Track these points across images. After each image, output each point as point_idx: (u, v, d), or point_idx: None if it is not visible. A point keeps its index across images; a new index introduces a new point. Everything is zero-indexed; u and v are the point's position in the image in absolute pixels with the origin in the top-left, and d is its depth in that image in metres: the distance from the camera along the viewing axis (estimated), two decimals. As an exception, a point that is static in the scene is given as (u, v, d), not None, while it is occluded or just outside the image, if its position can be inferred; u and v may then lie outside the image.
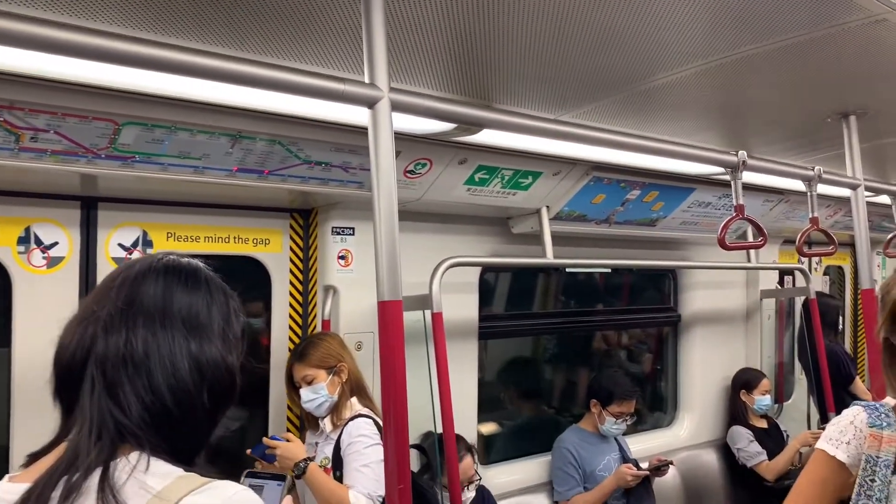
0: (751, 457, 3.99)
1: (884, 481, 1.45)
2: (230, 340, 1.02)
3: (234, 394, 1.01)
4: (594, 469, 3.37)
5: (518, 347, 4.32)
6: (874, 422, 1.49)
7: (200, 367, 0.96)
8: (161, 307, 0.97)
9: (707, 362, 4.30)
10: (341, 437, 2.35)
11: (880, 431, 1.48)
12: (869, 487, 1.46)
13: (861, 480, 1.47)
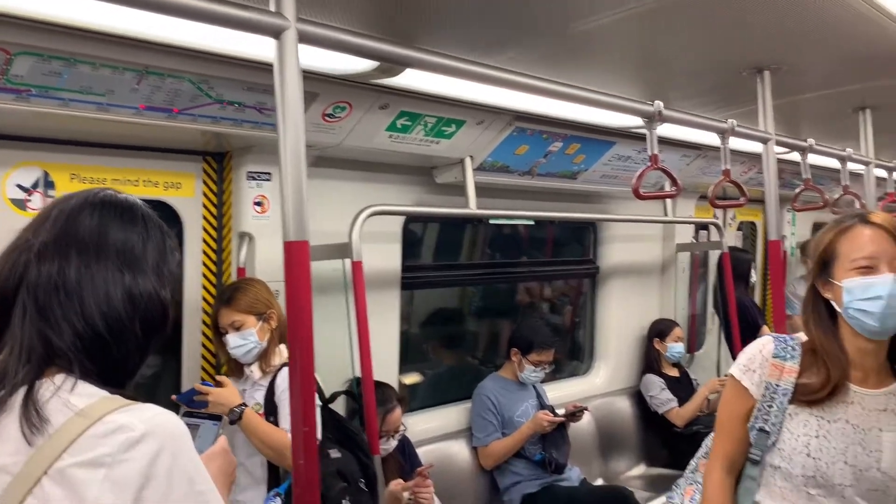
0: (662, 404, 4.15)
1: (780, 408, 1.54)
2: (164, 276, 1.03)
3: (166, 325, 1.03)
4: (512, 415, 3.45)
5: (444, 299, 4.34)
6: (778, 353, 1.58)
7: (133, 299, 0.98)
8: (96, 240, 0.98)
9: (623, 313, 4.42)
10: (274, 382, 2.32)
11: (783, 362, 1.56)
12: (766, 412, 1.55)
13: (760, 405, 1.57)
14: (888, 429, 1.51)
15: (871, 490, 1.50)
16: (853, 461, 1.49)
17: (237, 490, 2.33)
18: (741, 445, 1.60)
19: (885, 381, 1.55)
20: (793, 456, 1.52)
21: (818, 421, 1.51)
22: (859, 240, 1.51)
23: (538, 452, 3.39)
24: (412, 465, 2.87)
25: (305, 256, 1.24)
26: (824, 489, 1.50)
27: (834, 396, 1.51)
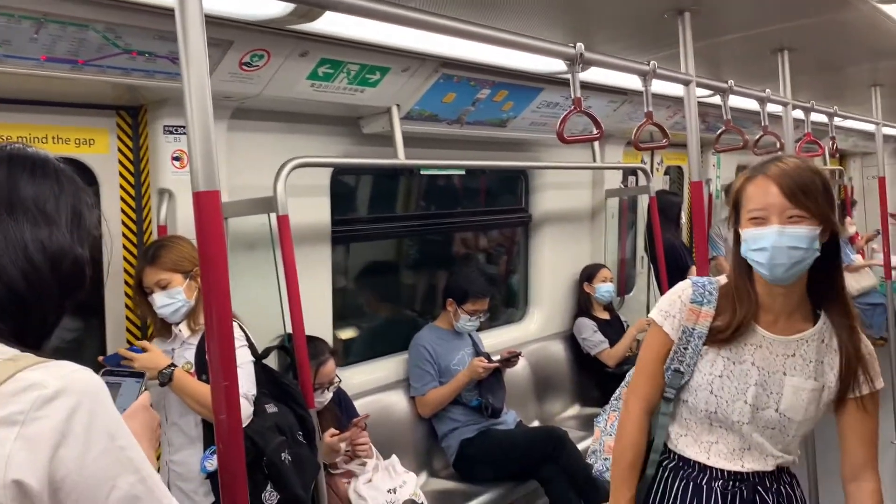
0: (594, 345, 4.26)
1: (695, 350, 1.59)
2: (81, 232, 0.99)
3: (83, 283, 0.99)
4: (449, 364, 3.48)
5: (378, 252, 4.32)
6: (696, 298, 1.62)
7: (50, 255, 0.94)
8: (6, 195, 0.93)
9: (556, 260, 4.49)
10: (204, 340, 2.27)
11: (699, 307, 1.61)
12: (682, 354, 1.61)
13: (676, 348, 1.62)
14: (791, 373, 1.56)
15: (768, 428, 1.56)
16: (752, 401, 1.55)
17: (172, 450, 2.30)
18: (658, 385, 1.65)
19: (799, 327, 1.58)
20: (698, 392, 1.58)
21: (724, 361, 1.57)
22: (756, 191, 1.54)
23: (475, 398, 3.44)
24: (349, 417, 2.88)
25: (216, 207, 1.19)
26: (723, 423, 1.58)
27: (741, 338, 1.56)
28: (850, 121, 5.11)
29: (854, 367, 1.56)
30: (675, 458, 1.65)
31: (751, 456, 1.59)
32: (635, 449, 1.66)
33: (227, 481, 1.28)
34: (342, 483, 2.67)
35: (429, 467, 3.51)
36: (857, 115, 4.85)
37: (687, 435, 1.63)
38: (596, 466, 1.89)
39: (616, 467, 1.69)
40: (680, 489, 1.62)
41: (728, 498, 1.58)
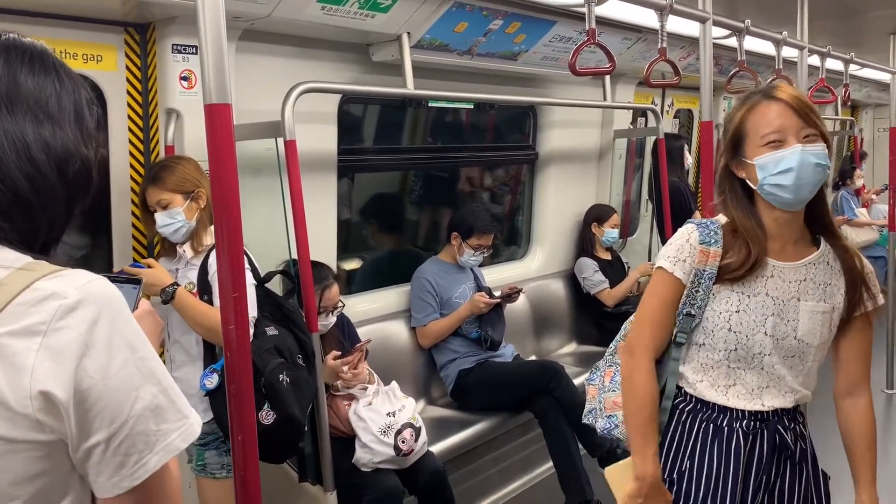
0: (595, 285, 4.30)
1: (706, 290, 1.58)
2: (84, 131, 0.92)
3: (90, 185, 0.94)
4: (450, 297, 3.53)
5: (384, 184, 4.33)
6: (704, 239, 1.60)
7: (55, 154, 0.88)
8: (5, 90, 0.86)
9: (560, 199, 4.49)
10: (207, 262, 2.30)
11: (708, 248, 1.59)
12: (693, 297, 1.60)
13: (688, 291, 1.60)
14: (805, 298, 1.57)
15: (788, 357, 1.57)
16: (772, 331, 1.55)
17: (173, 367, 2.35)
18: (668, 332, 1.63)
19: (804, 252, 1.60)
20: (715, 332, 1.57)
21: (739, 297, 1.57)
22: (766, 115, 1.53)
23: (475, 331, 3.50)
24: (351, 343, 2.94)
25: (228, 121, 1.19)
26: (744, 361, 1.57)
27: (754, 271, 1.56)
28: (865, 70, 5.03)
29: (859, 285, 1.60)
30: (693, 401, 1.63)
31: (770, 394, 1.59)
32: (652, 400, 1.63)
33: (234, 391, 1.31)
34: (343, 405, 2.74)
35: (427, 395, 3.59)
36: (873, 63, 4.78)
37: (703, 380, 1.62)
38: (600, 425, 1.80)
39: (634, 422, 1.64)
40: (700, 432, 1.61)
41: (750, 438, 1.58)
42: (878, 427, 4.61)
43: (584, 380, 1.99)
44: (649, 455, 1.61)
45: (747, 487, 1.59)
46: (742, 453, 1.58)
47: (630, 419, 1.66)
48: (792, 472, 1.62)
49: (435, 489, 2.76)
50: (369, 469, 2.64)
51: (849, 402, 1.67)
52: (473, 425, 3.31)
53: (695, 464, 1.60)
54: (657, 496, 1.59)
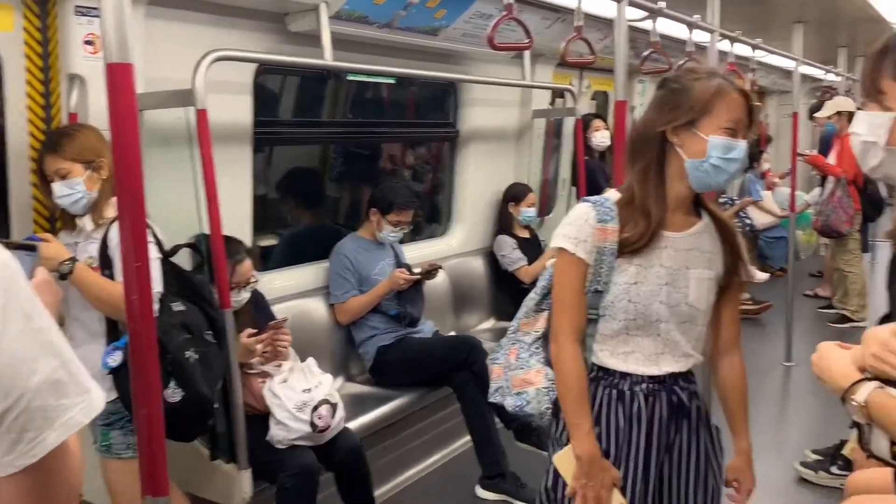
0: (512, 262, 4.36)
1: (609, 266, 1.63)
2: None
3: None
4: (370, 273, 3.50)
5: (303, 160, 4.26)
6: (601, 217, 1.64)
7: None
8: None
9: (480, 177, 4.52)
10: (108, 235, 2.20)
11: (605, 225, 1.63)
12: (599, 274, 1.64)
13: (594, 269, 1.64)
14: (693, 266, 1.66)
15: (682, 322, 1.66)
16: (666, 299, 1.63)
17: (73, 345, 2.23)
18: (585, 312, 1.67)
19: (691, 223, 1.69)
20: (615, 303, 1.63)
21: (637, 269, 1.63)
22: (733, 104, 1.59)
23: (394, 308, 3.49)
24: (266, 320, 2.88)
25: (130, 82, 1.14)
26: (642, 329, 1.64)
27: (650, 244, 1.63)
28: (771, 56, 5.24)
29: (737, 253, 1.72)
30: (596, 370, 1.69)
31: (665, 359, 1.67)
32: (578, 381, 1.66)
33: (138, 363, 1.27)
34: (257, 382, 2.69)
35: (345, 372, 3.58)
36: (778, 51, 4.98)
37: (604, 349, 1.68)
38: (509, 402, 1.82)
39: (566, 404, 1.67)
40: (605, 397, 1.67)
41: (650, 401, 1.66)
42: (777, 396, 4.86)
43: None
44: (583, 434, 1.64)
45: (650, 447, 1.66)
46: (643, 415, 1.66)
47: (562, 402, 1.69)
48: (689, 430, 1.71)
49: (352, 465, 2.75)
50: (285, 446, 2.60)
51: (725, 362, 1.79)
52: (392, 401, 3.32)
53: (602, 428, 1.67)
54: (600, 472, 1.63)
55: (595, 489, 1.62)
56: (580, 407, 1.65)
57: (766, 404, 4.51)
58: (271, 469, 2.59)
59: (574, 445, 1.65)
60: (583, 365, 1.68)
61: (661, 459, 1.69)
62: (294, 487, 2.54)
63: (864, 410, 1.15)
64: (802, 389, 4.73)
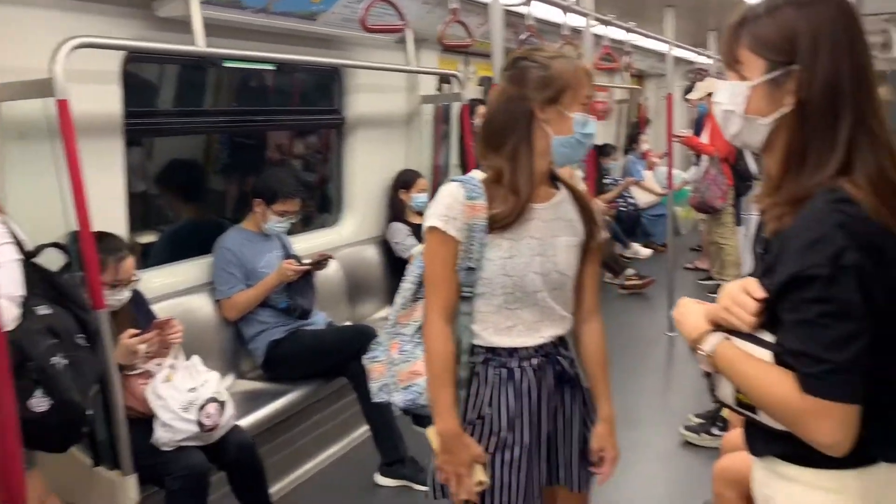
0: (406, 249, 4.35)
1: (480, 242, 1.65)
2: None
3: None
4: (256, 267, 3.41)
5: (184, 152, 4.10)
6: (470, 194, 1.66)
7: None
8: None
9: (370, 165, 4.48)
10: None
11: (474, 202, 1.65)
12: (470, 251, 1.66)
13: (465, 246, 1.66)
14: (560, 234, 1.72)
15: (554, 289, 1.71)
16: (539, 269, 1.68)
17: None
18: (456, 290, 1.67)
19: (552, 194, 1.75)
20: (493, 279, 1.65)
21: (510, 243, 1.66)
22: (587, 80, 1.67)
23: (283, 300, 3.42)
24: (146, 319, 2.75)
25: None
26: (521, 301, 1.68)
27: (520, 218, 1.66)
28: (645, 40, 5.45)
29: (593, 218, 1.79)
30: (482, 351, 1.71)
31: (544, 325, 1.72)
32: (443, 359, 1.66)
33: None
34: (139, 384, 2.57)
35: (236, 370, 3.48)
36: (651, 34, 5.18)
37: (488, 328, 1.69)
38: (398, 398, 1.77)
39: (431, 382, 1.68)
40: (495, 378, 1.69)
41: (538, 374, 1.70)
42: (662, 365, 5.08)
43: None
44: (445, 410, 1.65)
45: (540, 420, 1.71)
46: (533, 391, 1.70)
47: (428, 380, 1.70)
48: (571, 396, 1.78)
49: (244, 463, 2.68)
50: (171, 448, 2.51)
51: (586, 329, 1.85)
52: (285, 395, 3.25)
53: (493, 408, 1.69)
54: (460, 449, 1.65)
55: (454, 465, 1.65)
56: (442, 384, 1.66)
57: (651, 373, 4.73)
58: (158, 472, 2.49)
59: (436, 422, 1.67)
60: (451, 343, 1.68)
61: (549, 428, 1.75)
62: (183, 490, 2.45)
63: (710, 360, 1.23)
64: (685, 358, 4.97)
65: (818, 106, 1.15)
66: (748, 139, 1.27)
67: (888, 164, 1.14)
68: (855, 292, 1.07)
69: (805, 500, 1.22)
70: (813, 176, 1.15)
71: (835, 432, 1.10)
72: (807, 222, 1.11)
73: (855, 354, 1.08)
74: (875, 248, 1.09)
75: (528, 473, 1.69)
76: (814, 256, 1.08)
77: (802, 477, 1.22)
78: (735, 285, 1.24)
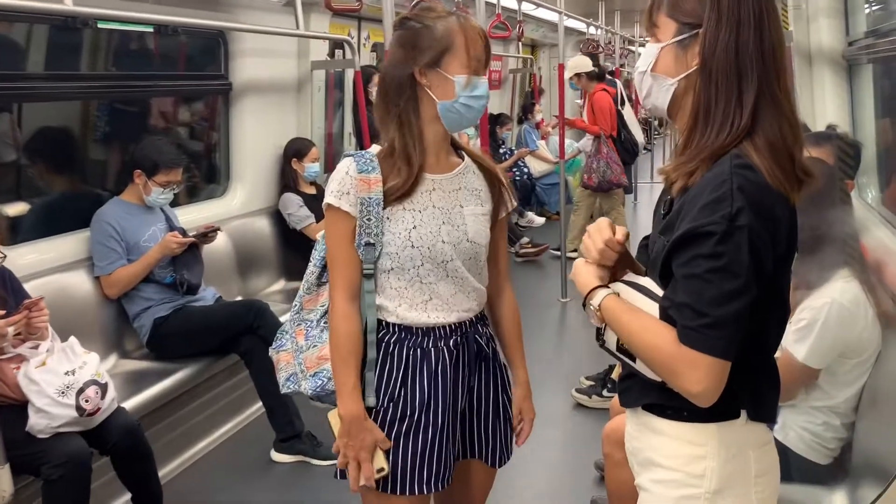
0: (300, 220, 4.25)
1: (378, 217, 1.59)
2: None
3: None
4: (138, 241, 3.24)
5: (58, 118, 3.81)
6: (362, 168, 1.60)
7: None
8: None
9: (259, 133, 4.34)
10: None
11: (368, 175, 1.60)
12: (367, 226, 1.60)
13: (360, 222, 1.60)
14: (466, 203, 1.68)
15: (467, 259, 1.67)
16: (448, 238, 1.63)
17: None
18: (357, 267, 1.62)
19: (453, 164, 1.71)
20: (400, 253, 1.60)
21: (412, 214, 1.62)
22: (475, 41, 1.60)
23: (169, 275, 3.27)
24: (17, 299, 2.56)
25: None
26: (433, 273, 1.63)
27: (417, 189, 1.63)
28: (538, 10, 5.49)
29: (500, 188, 1.75)
30: (397, 331, 1.65)
31: (459, 299, 1.67)
32: (347, 339, 1.62)
33: None
34: (10, 369, 2.39)
35: (119, 349, 3.31)
36: (542, 3, 5.23)
37: (402, 304, 1.64)
38: (307, 386, 1.70)
39: (334, 363, 1.64)
40: (408, 358, 1.64)
41: (455, 353, 1.66)
42: (555, 329, 5.23)
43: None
44: (347, 392, 1.61)
45: (456, 396, 1.67)
46: (448, 369, 1.66)
47: (331, 359, 1.66)
48: (487, 372, 1.75)
49: (129, 446, 2.55)
50: (48, 435, 2.36)
51: (501, 299, 1.84)
52: (173, 374, 3.12)
53: (407, 389, 1.64)
54: (362, 432, 1.60)
55: (355, 450, 1.60)
56: (346, 364, 1.62)
57: (545, 338, 4.86)
58: (34, 462, 2.34)
59: (339, 404, 1.63)
60: (355, 322, 1.63)
61: (464, 406, 1.71)
62: (63, 479, 2.31)
63: (598, 314, 1.29)
64: (576, 322, 5.14)
65: (721, 67, 1.20)
66: (656, 101, 1.31)
67: (788, 132, 1.20)
68: (745, 253, 1.13)
69: (669, 451, 1.29)
70: (719, 135, 1.20)
71: (703, 382, 1.15)
72: (711, 183, 1.16)
73: (734, 312, 1.14)
74: (768, 214, 1.15)
75: (439, 455, 1.65)
76: (712, 214, 1.13)
77: (668, 430, 1.29)
78: (602, 222, 1.34)
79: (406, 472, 1.63)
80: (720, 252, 1.13)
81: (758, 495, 1.27)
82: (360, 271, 1.63)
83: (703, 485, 1.25)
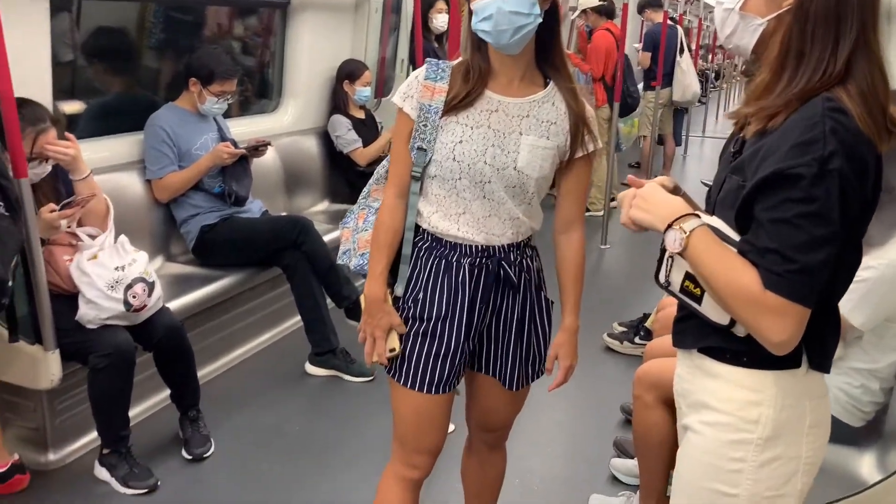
0: (347, 143, 4.26)
1: (433, 125, 1.65)
2: None
3: None
4: (190, 148, 3.29)
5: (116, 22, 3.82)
6: (430, 75, 1.66)
7: None
8: None
9: (314, 51, 4.31)
10: None
11: (433, 83, 1.64)
12: (422, 131, 1.65)
13: (416, 126, 1.66)
14: (528, 133, 1.66)
15: (510, 186, 1.67)
16: (491, 161, 1.64)
17: None
18: (408, 167, 1.69)
19: (531, 90, 1.68)
20: (443, 163, 1.65)
21: (463, 128, 1.64)
22: None
23: (218, 185, 3.32)
24: (70, 195, 2.63)
25: None
26: (469, 190, 1.66)
27: (476, 104, 1.64)
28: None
29: (581, 127, 1.70)
30: (429, 239, 1.72)
31: (492, 222, 1.69)
32: (385, 229, 1.72)
33: None
34: (63, 260, 2.48)
35: (166, 252, 3.40)
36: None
37: (437, 211, 1.70)
38: (354, 263, 1.88)
39: (372, 242, 1.76)
40: (433, 266, 1.71)
41: (475, 272, 1.70)
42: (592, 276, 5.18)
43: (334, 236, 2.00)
44: (374, 276, 1.74)
45: (473, 311, 1.72)
46: (468, 284, 1.71)
47: (370, 246, 1.78)
48: (513, 299, 1.77)
49: (171, 345, 2.65)
50: (95, 326, 2.45)
51: (564, 238, 1.82)
52: (217, 281, 3.20)
53: (428, 292, 1.72)
54: (380, 313, 1.72)
55: (372, 328, 1.72)
56: (379, 251, 1.74)
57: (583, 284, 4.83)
58: (82, 350, 2.45)
59: (366, 285, 1.75)
60: (397, 217, 1.72)
61: (486, 322, 1.76)
62: (108, 368, 2.42)
63: (685, 240, 1.17)
64: (614, 269, 5.12)
65: (820, 10, 1.14)
66: (741, 41, 1.27)
67: (880, 82, 1.15)
68: (835, 198, 1.09)
69: (724, 395, 1.27)
70: (810, 80, 1.15)
71: (787, 331, 1.13)
72: (800, 125, 1.12)
73: (822, 259, 1.11)
74: (859, 160, 1.11)
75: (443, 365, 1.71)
76: (803, 156, 1.09)
77: (725, 374, 1.27)
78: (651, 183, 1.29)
79: (410, 369, 1.73)
80: (811, 196, 1.09)
81: (808, 445, 1.26)
82: (410, 172, 1.70)
83: (757, 430, 1.23)
